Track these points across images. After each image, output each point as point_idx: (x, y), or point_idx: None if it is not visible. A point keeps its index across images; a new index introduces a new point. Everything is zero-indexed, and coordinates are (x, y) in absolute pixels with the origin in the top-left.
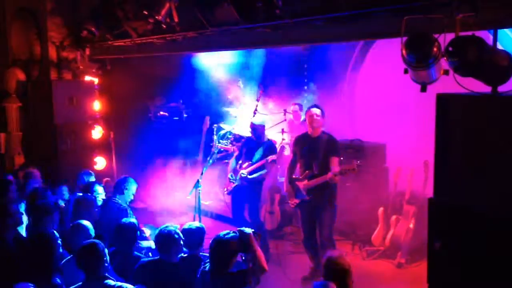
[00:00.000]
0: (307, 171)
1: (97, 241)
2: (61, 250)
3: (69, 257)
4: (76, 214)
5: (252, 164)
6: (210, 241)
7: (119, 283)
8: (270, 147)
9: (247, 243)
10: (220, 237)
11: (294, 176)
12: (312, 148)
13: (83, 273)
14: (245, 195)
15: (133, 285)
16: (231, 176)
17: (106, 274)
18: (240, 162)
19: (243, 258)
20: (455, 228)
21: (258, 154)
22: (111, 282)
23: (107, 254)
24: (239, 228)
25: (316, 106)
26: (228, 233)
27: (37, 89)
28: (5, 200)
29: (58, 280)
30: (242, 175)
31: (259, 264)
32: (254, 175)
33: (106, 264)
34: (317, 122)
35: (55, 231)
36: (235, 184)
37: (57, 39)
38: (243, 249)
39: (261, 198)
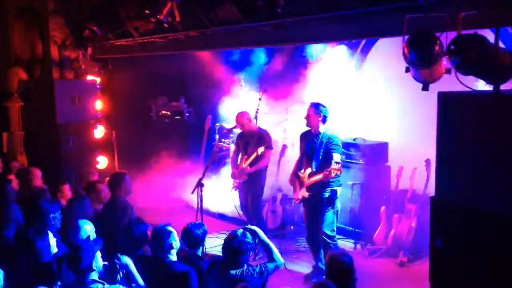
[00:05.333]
0: (309, 168)
1: (88, 242)
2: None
3: None
4: (71, 213)
5: (248, 158)
6: (224, 239)
7: (107, 286)
8: (260, 137)
9: (259, 238)
10: (234, 234)
11: (299, 172)
12: (313, 145)
13: (72, 274)
14: (247, 189)
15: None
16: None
17: (94, 278)
18: (240, 156)
19: (256, 254)
20: (457, 227)
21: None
22: (99, 286)
23: (98, 258)
24: (246, 226)
25: (312, 104)
26: (241, 232)
27: (39, 89)
28: (6, 198)
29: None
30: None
31: (275, 256)
32: (252, 169)
33: (95, 268)
34: (307, 119)
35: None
36: (238, 180)
37: (59, 39)
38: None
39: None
